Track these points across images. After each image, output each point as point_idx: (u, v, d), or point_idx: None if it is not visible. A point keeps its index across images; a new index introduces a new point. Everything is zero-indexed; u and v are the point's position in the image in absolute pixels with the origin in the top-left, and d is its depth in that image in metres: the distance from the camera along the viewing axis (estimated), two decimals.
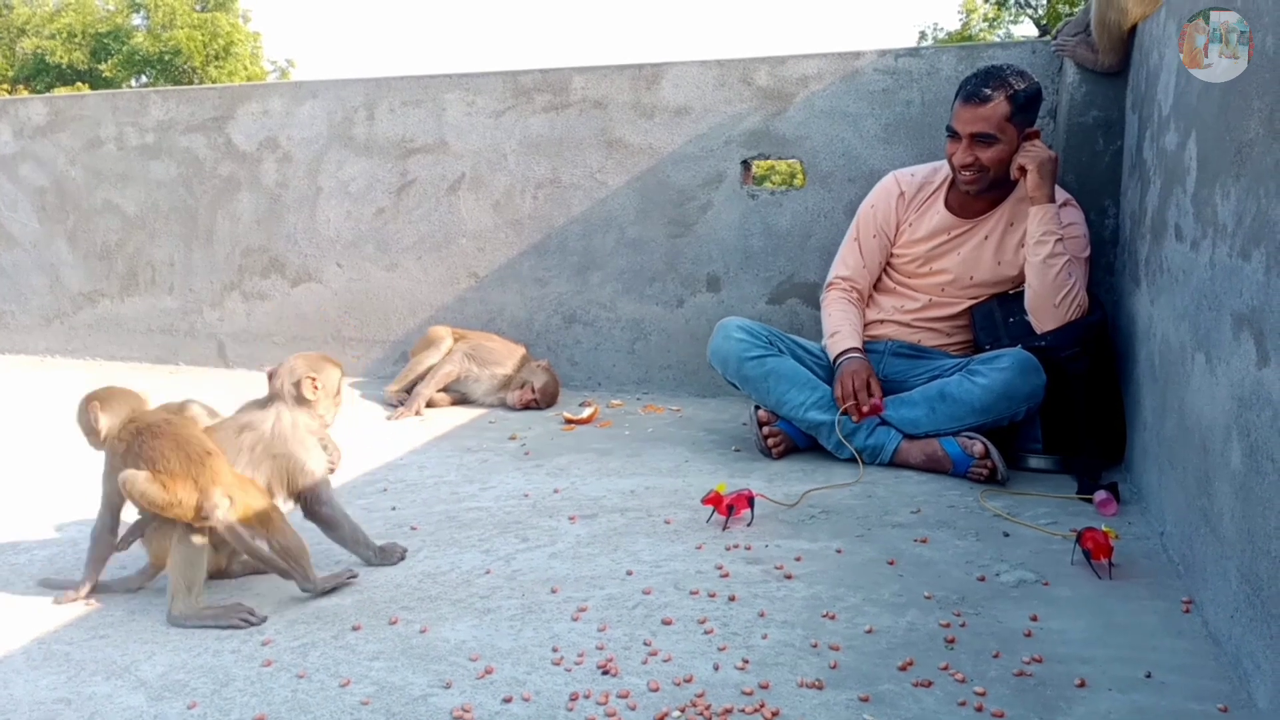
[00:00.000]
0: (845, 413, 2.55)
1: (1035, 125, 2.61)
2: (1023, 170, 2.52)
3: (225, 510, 1.71)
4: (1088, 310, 2.53)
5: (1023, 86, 2.52)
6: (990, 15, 22.94)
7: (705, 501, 2.16)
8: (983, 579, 1.84)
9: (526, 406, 3.35)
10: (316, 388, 1.92)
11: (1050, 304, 2.51)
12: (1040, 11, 21.20)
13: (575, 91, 3.59)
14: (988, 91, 2.51)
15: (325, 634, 1.66)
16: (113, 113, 4.26)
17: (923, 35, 24.35)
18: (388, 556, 1.98)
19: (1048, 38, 3.10)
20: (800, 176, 3.46)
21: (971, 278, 2.69)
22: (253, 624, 1.70)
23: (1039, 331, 2.54)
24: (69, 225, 4.39)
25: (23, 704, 1.46)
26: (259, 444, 1.87)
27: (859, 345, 2.69)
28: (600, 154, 3.58)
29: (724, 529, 2.13)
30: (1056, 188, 2.60)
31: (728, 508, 2.12)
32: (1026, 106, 2.54)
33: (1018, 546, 2.00)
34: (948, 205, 2.71)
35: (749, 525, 2.15)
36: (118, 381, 2.02)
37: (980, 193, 2.64)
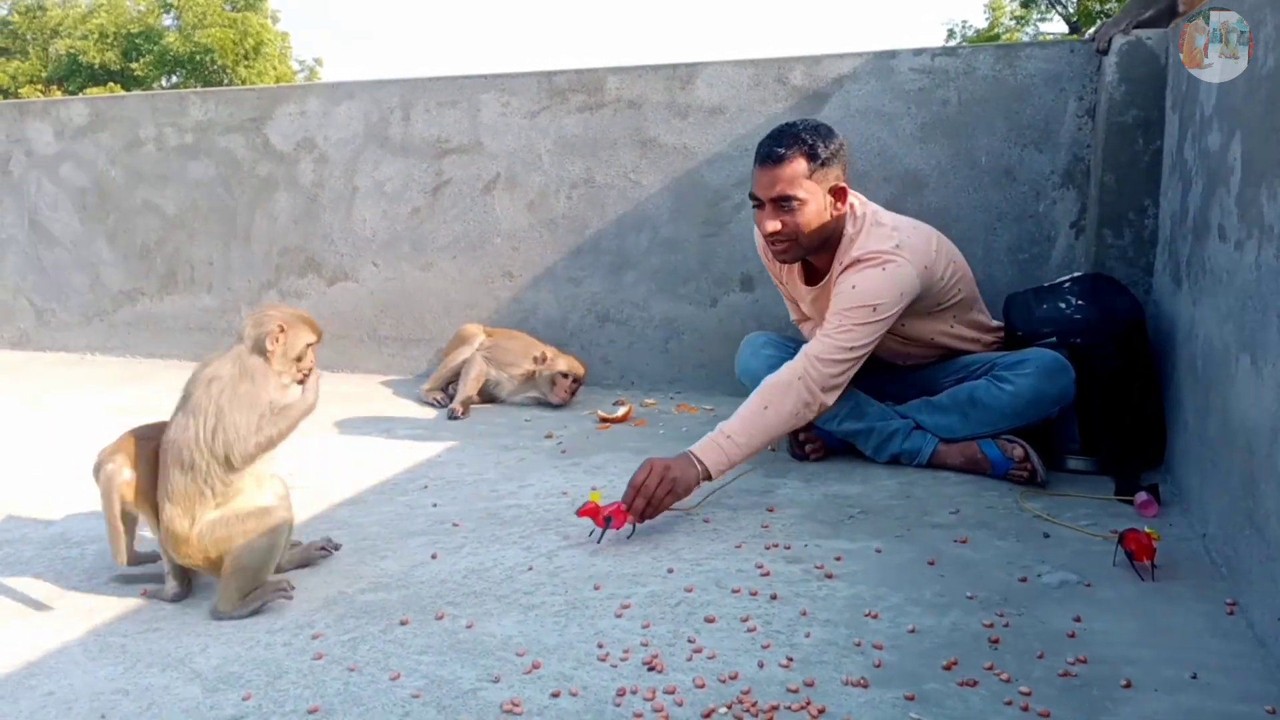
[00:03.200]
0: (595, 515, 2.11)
1: (843, 183, 2.43)
2: None
3: None
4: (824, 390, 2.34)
5: (818, 140, 2.38)
6: (1018, 13, 22.75)
7: (580, 513, 2.06)
8: (1024, 580, 1.84)
9: (573, 394, 3.39)
10: (278, 340, 1.79)
11: (801, 419, 2.35)
12: (1071, 8, 21.00)
13: (610, 92, 3.61)
14: (781, 151, 2.36)
15: (374, 628, 1.69)
16: (152, 113, 4.32)
17: (951, 33, 24.21)
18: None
19: (1089, 34, 3.09)
20: None
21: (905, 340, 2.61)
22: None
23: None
24: (109, 225, 4.46)
25: (83, 694, 1.50)
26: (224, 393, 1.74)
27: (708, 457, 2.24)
28: (634, 154, 3.60)
29: (599, 541, 2.05)
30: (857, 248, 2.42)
31: (605, 519, 2.05)
32: (827, 161, 2.37)
33: (1058, 548, 2.00)
34: (803, 275, 2.64)
35: (629, 538, 2.07)
36: (157, 378, 2.06)
37: (795, 261, 2.52)
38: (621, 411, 3.22)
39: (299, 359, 1.82)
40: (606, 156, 3.63)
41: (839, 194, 2.43)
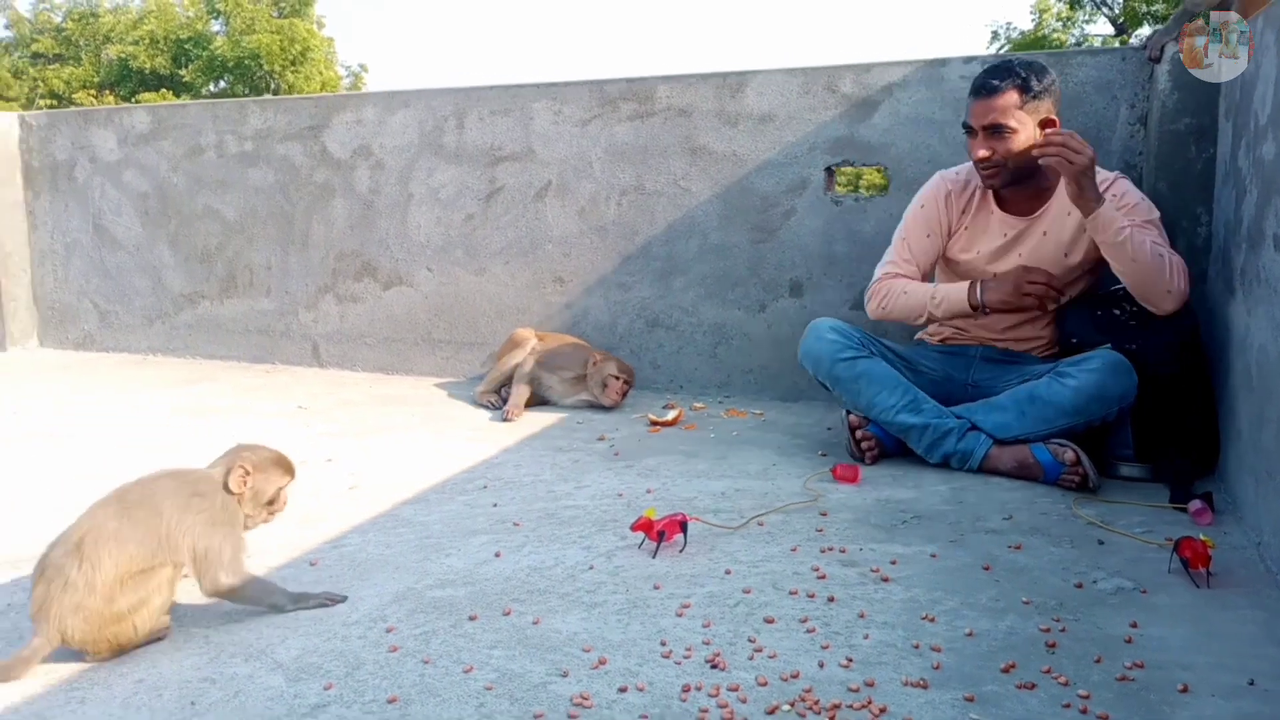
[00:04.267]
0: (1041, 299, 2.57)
1: (1054, 116, 2.59)
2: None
3: None
4: (1189, 278, 2.48)
5: (1031, 74, 2.56)
6: (1064, 15, 22.51)
7: (635, 528, 2.08)
8: (1080, 586, 1.86)
9: (624, 395, 3.45)
10: (245, 484, 1.77)
11: (1163, 289, 2.45)
12: (1116, 9, 20.75)
13: (660, 100, 3.67)
14: (995, 82, 2.55)
15: (444, 623, 1.75)
16: (213, 121, 4.45)
17: (995, 35, 24.01)
18: (303, 602, 1.84)
19: (1138, 40, 3.09)
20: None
21: None
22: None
23: (1160, 314, 2.49)
24: (171, 229, 4.59)
25: (171, 682, 1.57)
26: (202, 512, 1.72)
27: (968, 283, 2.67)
28: (684, 161, 3.65)
29: (654, 556, 2.06)
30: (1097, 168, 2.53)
31: (658, 533, 2.07)
32: (1039, 94, 2.56)
33: (1113, 554, 2.02)
34: (1000, 205, 2.73)
35: (680, 551, 2.08)
36: (218, 379, 2.12)
37: (1005, 187, 2.64)
38: (672, 415, 3.27)
39: (271, 501, 1.83)
40: (656, 164, 3.69)
41: (1049, 126, 2.54)
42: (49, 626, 1.59)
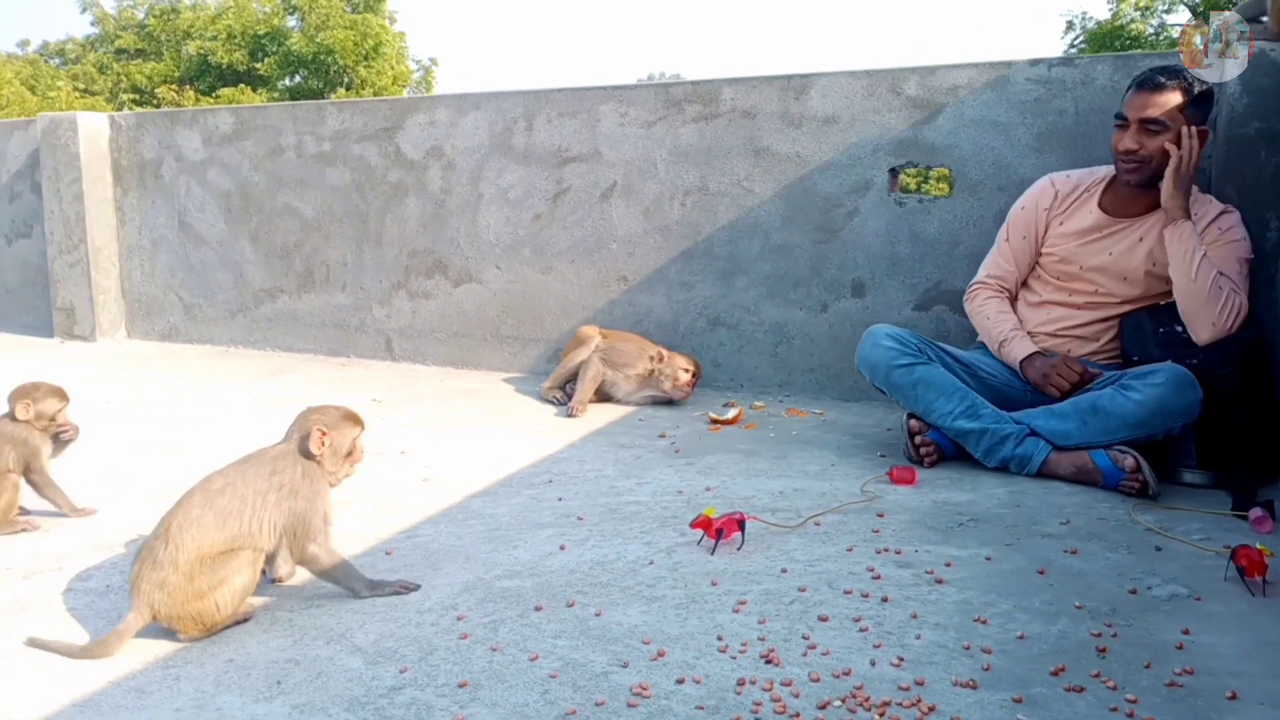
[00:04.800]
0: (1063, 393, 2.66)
1: (1206, 127, 2.62)
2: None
3: None
4: (1245, 319, 2.51)
5: (1197, 82, 2.58)
6: (1142, 4, 21.90)
7: (694, 525, 2.14)
8: (1134, 592, 1.89)
9: (693, 388, 3.53)
10: (324, 444, 1.90)
11: (1207, 320, 2.50)
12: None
13: (725, 102, 3.72)
14: (1163, 80, 2.58)
15: (511, 613, 1.84)
16: (293, 123, 4.61)
17: (1070, 25, 23.44)
18: (379, 590, 1.93)
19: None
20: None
21: (1124, 279, 2.70)
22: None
23: (1198, 343, 2.53)
24: (252, 226, 4.77)
25: (259, 662, 1.69)
26: (284, 488, 1.84)
27: (1034, 346, 2.78)
28: (748, 162, 3.70)
29: (712, 553, 2.12)
30: (1211, 197, 2.59)
31: (717, 531, 2.11)
32: (1199, 102, 2.58)
33: (1170, 561, 2.04)
34: (1101, 205, 2.74)
35: (739, 549, 2.13)
36: (296, 370, 2.23)
37: (1139, 185, 2.65)
38: (732, 414, 3.33)
39: (349, 453, 1.95)
40: (720, 165, 3.74)
41: (1202, 136, 2.57)
42: (140, 601, 1.73)
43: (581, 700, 1.53)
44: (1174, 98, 2.56)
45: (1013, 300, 2.91)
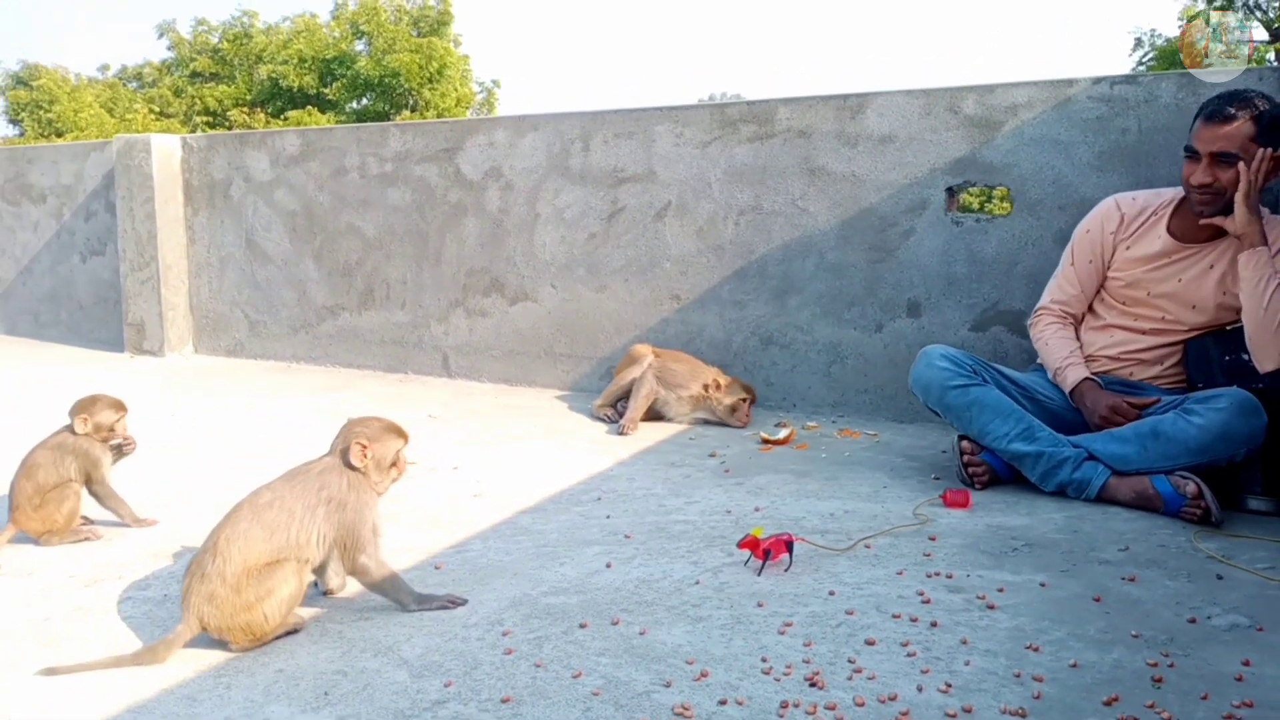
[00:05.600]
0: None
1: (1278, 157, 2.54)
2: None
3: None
4: None
5: (1268, 107, 2.50)
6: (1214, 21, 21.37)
7: (741, 545, 2.13)
8: (1193, 621, 1.83)
9: (749, 414, 3.53)
10: (365, 457, 1.92)
11: (1275, 350, 2.43)
12: (1271, 14, 19.61)
13: (780, 122, 3.72)
14: (1231, 110, 2.50)
15: (556, 629, 1.85)
16: (356, 144, 4.71)
17: (1139, 42, 23.00)
18: (427, 604, 1.95)
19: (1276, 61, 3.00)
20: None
21: (1193, 306, 2.64)
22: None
23: (1261, 371, 2.46)
24: (316, 245, 4.88)
25: (308, 673, 1.72)
26: (331, 501, 1.87)
27: (1090, 375, 2.73)
28: (802, 182, 3.69)
29: (759, 574, 2.11)
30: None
31: (764, 552, 2.10)
32: (1271, 128, 2.49)
33: (1231, 590, 1.97)
34: (1170, 230, 2.67)
35: (786, 570, 2.12)
36: (356, 386, 2.26)
37: (1213, 215, 2.58)
38: (784, 434, 3.31)
39: (392, 464, 1.98)
40: (774, 184, 3.74)
41: (1276, 163, 2.52)
42: (190, 614, 1.78)
43: (623, 719, 1.53)
44: (1244, 127, 2.48)
45: (1078, 324, 2.85)
